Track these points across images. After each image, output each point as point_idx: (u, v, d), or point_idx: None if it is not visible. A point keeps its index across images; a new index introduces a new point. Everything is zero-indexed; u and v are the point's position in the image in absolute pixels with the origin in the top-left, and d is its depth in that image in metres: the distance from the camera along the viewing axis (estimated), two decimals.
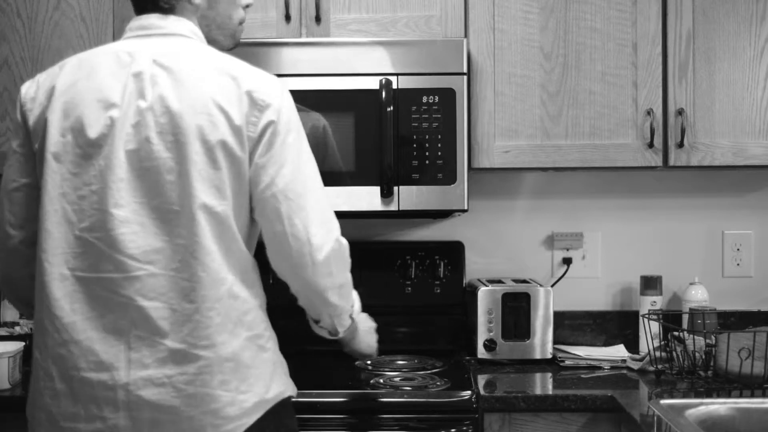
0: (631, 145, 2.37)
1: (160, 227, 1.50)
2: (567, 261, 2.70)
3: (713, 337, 2.24)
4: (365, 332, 1.88)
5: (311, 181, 1.60)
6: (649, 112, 2.36)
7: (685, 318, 2.51)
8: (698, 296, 2.55)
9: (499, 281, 2.55)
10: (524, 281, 2.56)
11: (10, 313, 2.59)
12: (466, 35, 2.36)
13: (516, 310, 2.45)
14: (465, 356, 2.50)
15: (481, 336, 2.45)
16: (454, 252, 2.63)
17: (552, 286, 2.62)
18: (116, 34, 2.36)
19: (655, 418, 1.91)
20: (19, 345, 2.24)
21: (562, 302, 2.63)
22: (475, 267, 2.70)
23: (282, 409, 1.59)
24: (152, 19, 1.63)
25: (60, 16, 2.38)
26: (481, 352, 2.45)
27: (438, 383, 2.15)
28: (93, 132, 1.52)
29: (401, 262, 2.60)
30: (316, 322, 1.72)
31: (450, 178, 2.26)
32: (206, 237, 1.50)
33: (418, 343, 2.60)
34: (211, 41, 1.68)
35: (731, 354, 2.13)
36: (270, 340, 1.60)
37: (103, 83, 1.54)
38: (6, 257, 1.69)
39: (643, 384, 2.22)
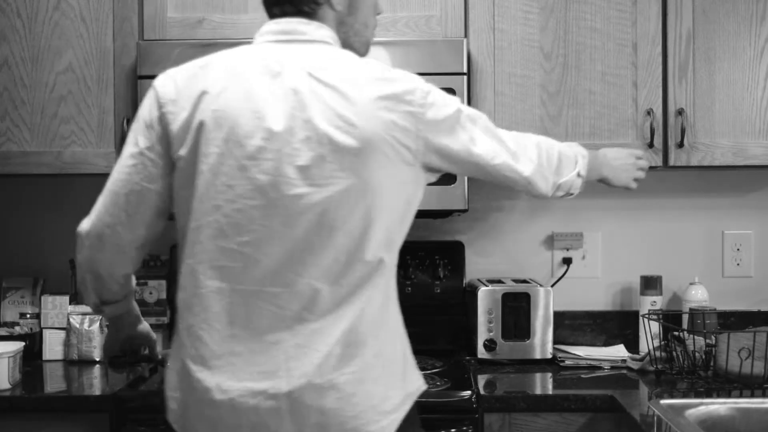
0: (631, 145, 2.36)
1: (325, 244, 1.48)
2: (567, 261, 2.70)
3: (713, 337, 2.24)
4: (616, 169, 1.93)
5: (497, 139, 1.64)
6: (649, 112, 2.36)
7: (685, 318, 2.51)
8: (698, 296, 2.55)
9: (499, 281, 2.55)
10: (524, 281, 2.56)
11: (10, 314, 2.60)
12: (466, 35, 2.36)
13: (516, 310, 2.45)
14: (465, 356, 2.50)
15: (481, 336, 2.45)
16: (454, 252, 2.63)
17: (552, 286, 2.62)
18: (116, 34, 2.36)
19: (655, 418, 1.91)
20: (19, 345, 2.24)
21: (562, 302, 2.62)
22: (475, 267, 2.70)
23: (417, 401, 1.61)
24: (294, 24, 1.58)
25: (60, 16, 2.38)
26: (481, 352, 2.45)
27: (438, 383, 2.15)
28: (250, 145, 1.48)
29: (401, 261, 2.58)
30: None
31: (450, 177, 2.26)
32: (368, 252, 1.50)
33: (418, 343, 2.57)
34: (346, 48, 1.64)
35: (731, 354, 2.13)
36: (404, 335, 1.62)
37: (256, 93, 1.49)
38: (108, 256, 1.64)
39: (643, 384, 2.22)
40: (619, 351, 2.53)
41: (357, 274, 1.50)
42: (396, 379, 1.55)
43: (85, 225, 1.65)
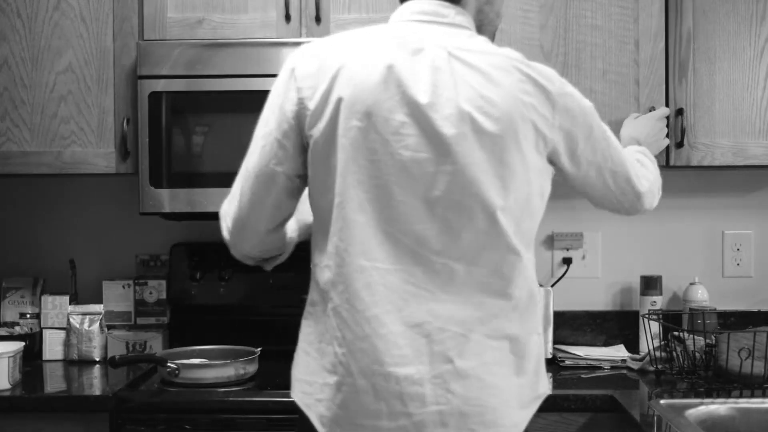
0: None
1: (463, 223, 1.47)
2: (567, 261, 2.70)
3: (713, 337, 2.24)
4: (652, 145, 2.14)
5: (616, 150, 1.66)
6: (651, 111, 2.35)
7: (685, 318, 2.51)
8: (698, 296, 2.55)
9: None
10: None
11: (10, 314, 2.60)
12: None
13: None
14: None
15: None
16: None
17: (552, 286, 2.62)
18: (116, 34, 2.36)
19: (655, 418, 1.91)
20: (19, 345, 2.24)
21: (562, 302, 2.62)
22: None
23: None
24: (435, 6, 1.56)
25: (60, 16, 2.38)
26: None
27: None
28: (394, 120, 1.46)
29: None
30: None
31: None
32: (504, 237, 1.48)
33: None
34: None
35: (731, 354, 2.13)
36: (542, 337, 1.60)
37: (397, 68, 1.47)
38: (246, 238, 1.61)
39: (643, 384, 2.22)
40: (619, 351, 2.53)
41: (495, 258, 1.48)
42: (529, 377, 1.53)
43: (226, 206, 1.62)
